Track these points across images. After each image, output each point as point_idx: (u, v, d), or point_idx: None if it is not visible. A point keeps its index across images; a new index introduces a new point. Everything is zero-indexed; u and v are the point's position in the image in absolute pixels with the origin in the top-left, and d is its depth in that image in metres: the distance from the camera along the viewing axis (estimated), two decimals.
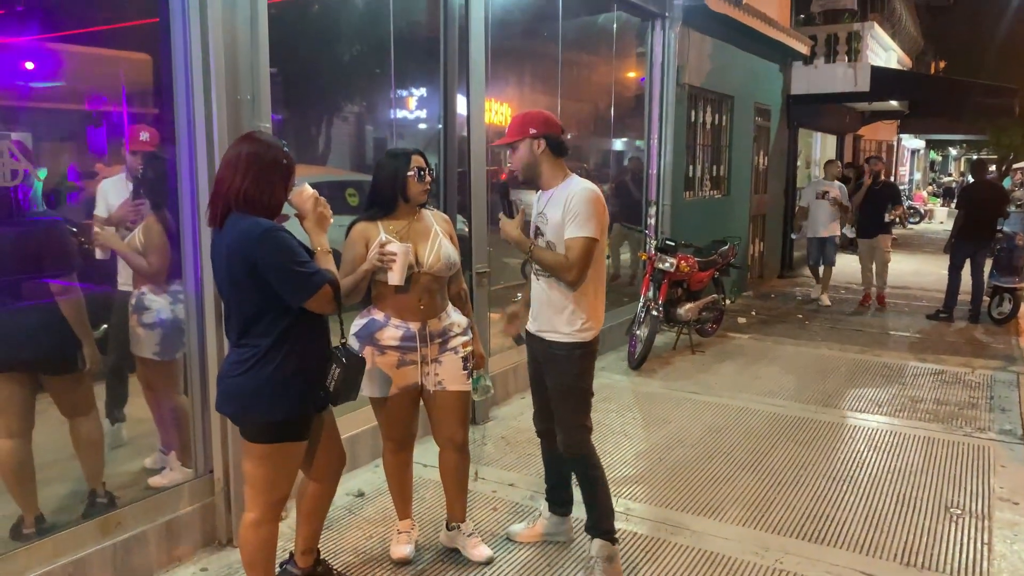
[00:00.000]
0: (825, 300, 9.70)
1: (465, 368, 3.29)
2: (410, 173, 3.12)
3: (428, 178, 3.17)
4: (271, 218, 2.57)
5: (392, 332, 3.14)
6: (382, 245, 3.02)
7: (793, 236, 11.37)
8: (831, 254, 9.73)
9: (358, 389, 2.76)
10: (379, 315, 3.17)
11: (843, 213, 9.61)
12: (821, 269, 9.90)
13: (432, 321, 3.19)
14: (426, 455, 4.09)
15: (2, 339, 3.17)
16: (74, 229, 3.67)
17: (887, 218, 9.25)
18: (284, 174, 2.59)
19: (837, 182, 9.77)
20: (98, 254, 3.73)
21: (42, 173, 3.36)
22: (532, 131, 3.13)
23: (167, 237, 3.62)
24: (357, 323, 3.21)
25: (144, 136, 3.89)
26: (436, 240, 3.18)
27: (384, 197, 3.16)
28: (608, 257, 3.47)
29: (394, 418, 3.28)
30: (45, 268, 3.23)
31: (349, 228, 3.18)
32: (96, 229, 3.72)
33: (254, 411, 2.59)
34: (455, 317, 3.32)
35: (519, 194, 3.53)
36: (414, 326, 3.15)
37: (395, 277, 2.99)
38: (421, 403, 3.34)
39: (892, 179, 20.37)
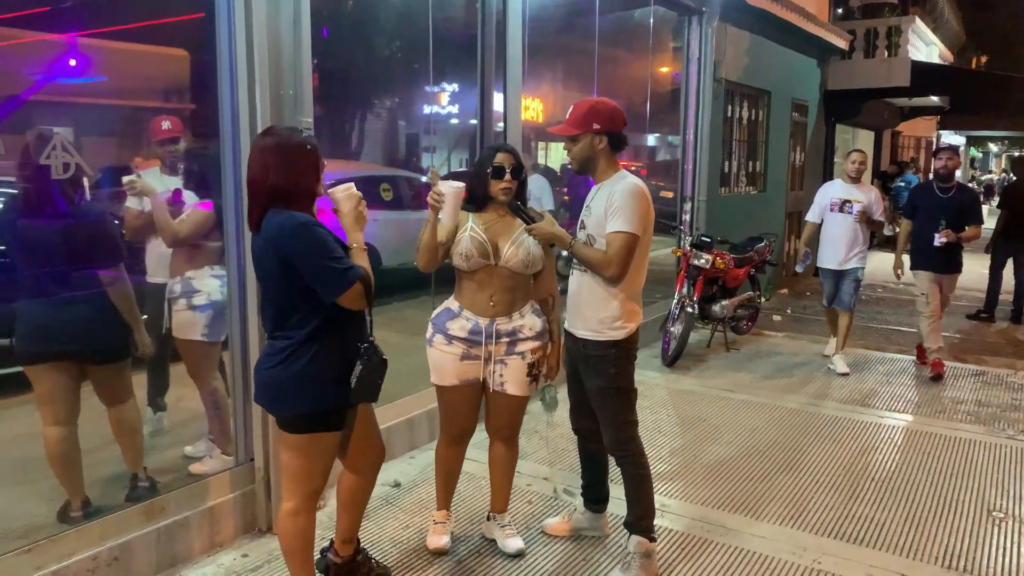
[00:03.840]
0: (842, 366, 6.49)
1: (530, 374, 3.26)
2: (488, 171, 3.13)
3: (508, 177, 3.13)
4: (306, 207, 2.58)
5: (462, 324, 3.17)
6: (435, 187, 3.03)
7: (797, 269, 7.23)
8: (849, 295, 6.41)
9: (378, 391, 2.68)
10: (454, 305, 3.22)
11: (874, 230, 6.79)
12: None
13: (502, 319, 3.18)
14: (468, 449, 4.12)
15: (53, 330, 3.25)
16: (117, 221, 3.76)
17: (937, 240, 6.04)
18: (310, 159, 2.58)
19: (860, 187, 6.39)
20: (132, 202, 3.79)
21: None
22: (596, 126, 3.06)
23: (214, 222, 3.70)
24: (437, 310, 3.28)
25: (166, 125, 3.97)
26: (519, 236, 3.16)
27: (474, 192, 3.18)
28: None
29: (453, 411, 3.29)
30: (95, 259, 3.31)
31: None
32: (133, 177, 3.74)
33: (286, 402, 2.62)
34: (529, 320, 3.24)
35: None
36: (482, 321, 3.17)
37: (446, 217, 3.02)
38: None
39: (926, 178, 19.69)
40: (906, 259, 6.49)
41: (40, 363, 3.21)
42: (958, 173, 6.49)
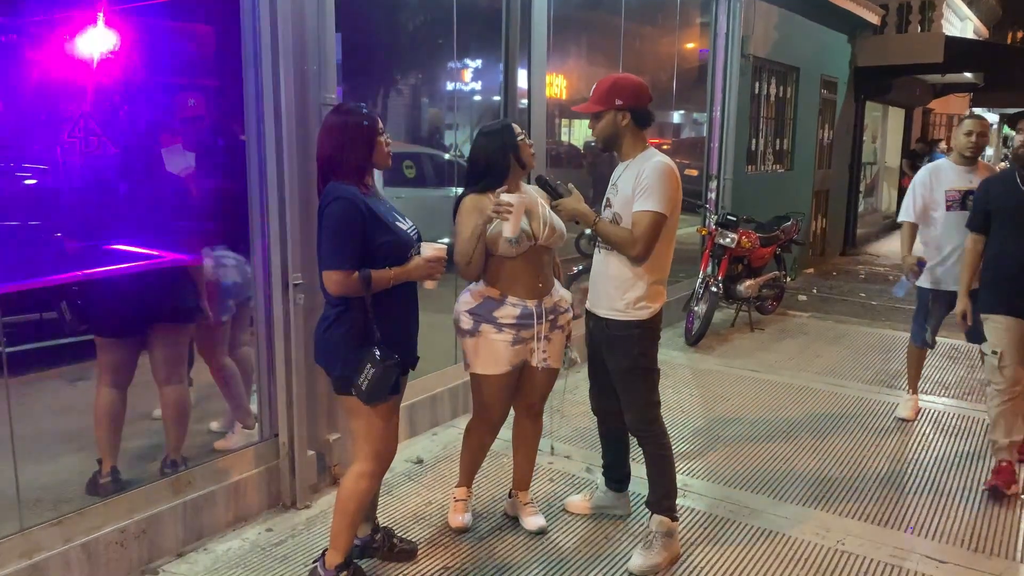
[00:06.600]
0: (908, 409, 4.93)
1: (566, 344, 3.33)
2: (520, 137, 3.09)
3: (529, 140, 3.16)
4: (357, 178, 2.65)
5: (509, 310, 3.11)
6: (497, 197, 2.97)
7: (898, 293, 5.29)
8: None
9: (387, 392, 2.68)
10: (495, 293, 3.13)
11: None
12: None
13: (546, 298, 3.19)
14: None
15: (130, 310, 3.39)
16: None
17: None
18: (363, 134, 2.68)
19: (981, 171, 4.45)
20: None
21: None
22: (619, 102, 3.00)
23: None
24: (467, 300, 3.17)
25: (191, 103, 3.99)
26: (545, 211, 3.15)
27: (497, 167, 3.08)
28: None
29: (498, 397, 3.24)
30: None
31: (457, 203, 3.16)
32: None
33: (332, 366, 2.72)
34: (563, 292, 3.32)
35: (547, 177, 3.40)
36: (531, 303, 3.14)
37: (509, 229, 2.92)
38: None
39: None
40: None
41: (114, 338, 3.37)
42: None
